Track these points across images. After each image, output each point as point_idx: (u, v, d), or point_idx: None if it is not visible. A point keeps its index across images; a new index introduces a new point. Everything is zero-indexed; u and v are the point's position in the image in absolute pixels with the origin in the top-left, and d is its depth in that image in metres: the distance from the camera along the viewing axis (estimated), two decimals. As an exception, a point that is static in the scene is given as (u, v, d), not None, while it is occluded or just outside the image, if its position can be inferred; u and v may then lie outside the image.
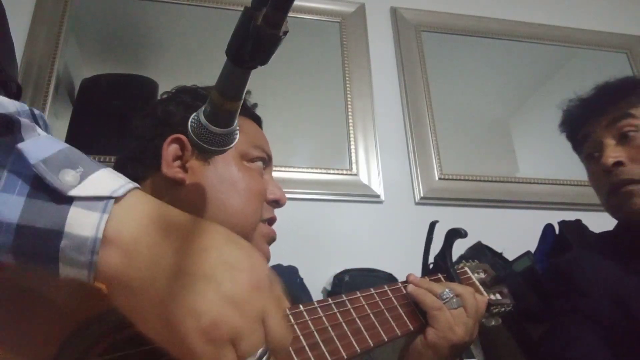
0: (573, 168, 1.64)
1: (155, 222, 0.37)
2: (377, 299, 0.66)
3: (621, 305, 0.83)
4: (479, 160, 1.60)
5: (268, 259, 0.72)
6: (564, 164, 1.65)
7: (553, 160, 1.66)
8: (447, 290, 0.69)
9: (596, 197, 1.58)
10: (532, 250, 1.25)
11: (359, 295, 0.64)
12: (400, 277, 1.25)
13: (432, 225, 0.80)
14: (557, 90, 1.78)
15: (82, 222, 0.34)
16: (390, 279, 1.23)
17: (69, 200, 0.34)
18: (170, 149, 0.69)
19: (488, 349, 1.06)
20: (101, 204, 0.35)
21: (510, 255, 1.28)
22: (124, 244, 0.35)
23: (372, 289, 0.67)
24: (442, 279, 0.77)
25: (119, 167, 0.74)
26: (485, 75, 1.75)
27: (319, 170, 1.43)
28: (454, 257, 0.88)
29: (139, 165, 0.71)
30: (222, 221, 0.64)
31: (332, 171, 1.45)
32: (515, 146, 1.67)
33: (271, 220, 0.75)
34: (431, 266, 0.80)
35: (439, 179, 1.50)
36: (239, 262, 0.37)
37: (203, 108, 0.50)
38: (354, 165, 1.46)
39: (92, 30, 1.50)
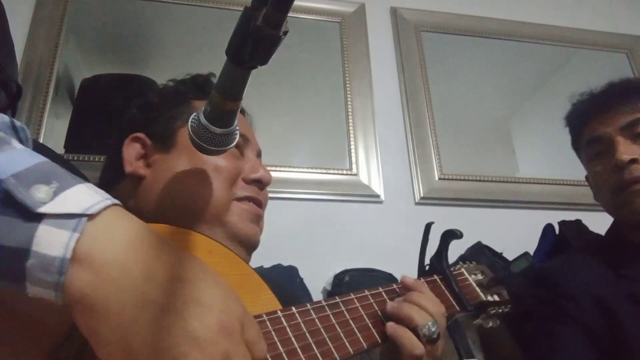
0: (573, 168, 1.64)
1: (131, 243, 0.35)
2: (372, 301, 0.64)
3: (606, 310, 0.84)
4: (479, 160, 1.60)
5: (254, 237, 0.68)
6: (564, 164, 1.65)
7: (553, 160, 1.66)
8: (429, 323, 0.61)
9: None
10: (532, 250, 1.25)
11: (352, 297, 0.63)
12: (400, 277, 1.25)
13: (428, 227, 0.80)
14: (557, 90, 1.78)
15: (50, 241, 0.32)
16: (390, 279, 1.23)
17: (39, 217, 0.32)
18: (129, 149, 0.69)
19: (488, 349, 1.06)
20: (73, 222, 0.33)
21: (510, 255, 1.28)
22: (94, 265, 0.33)
23: (366, 291, 0.66)
24: (438, 280, 0.76)
25: (100, 176, 0.75)
26: (485, 75, 1.75)
27: (319, 170, 1.43)
28: (454, 257, 0.88)
29: (110, 171, 0.72)
30: (187, 207, 0.64)
31: (332, 171, 1.45)
32: (515, 146, 1.67)
33: (250, 198, 0.70)
34: (427, 267, 0.79)
35: (439, 179, 1.50)
36: (211, 300, 0.35)
37: (203, 108, 0.50)
38: (354, 165, 1.46)
39: (92, 30, 1.50)
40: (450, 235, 0.78)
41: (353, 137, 1.50)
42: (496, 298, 0.81)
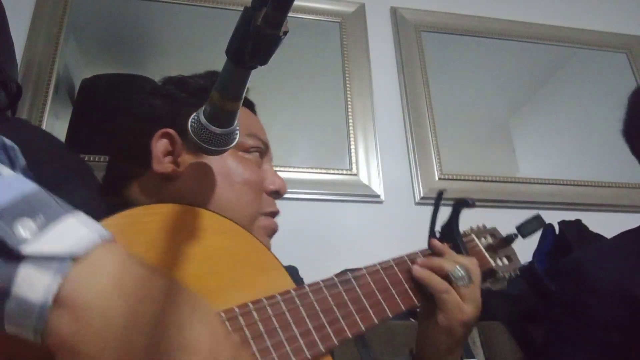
0: (573, 168, 1.65)
1: (116, 286, 0.33)
2: (383, 275, 0.65)
3: (631, 307, 0.80)
4: (479, 160, 1.60)
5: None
6: (564, 164, 1.66)
7: (553, 160, 1.66)
8: (457, 267, 0.67)
9: (596, 197, 1.59)
10: (532, 250, 1.25)
11: (364, 272, 0.64)
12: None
13: (440, 194, 0.80)
14: (557, 90, 1.78)
15: (31, 284, 0.30)
16: (390, 279, 1.23)
17: (20, 257, 0.30)
18: (159, 145, 0.66)
19: (488, 349, 1.06)
20: (56, 264, 0.31)
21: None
22: (75, 310, 0.31)
23: (377, 265, 0.66)
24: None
25: (109, 168, 0.72)
26: (485, 75, 1.75)
27: (319, 170, 1.43)
28: None
29: (128, 163, 0.68)
30: None
31: (332, 171, 1.45)
32: (515, 146, 1.67)
33: (273, 213, 0.72)
34: (438, 235, 0.80)
35: (439, 179, 1.50)
36: (197, 343, 0.34)
37: (203, 108, 0.50)
38: (354, 165, 1.46)
39: (92, 30, 1.50)
40: (462, 204, 0.78)
41: (353, 137, 1.50)
42: (505, 262, 0.81)
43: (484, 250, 0.81)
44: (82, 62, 1.46)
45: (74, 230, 0.33)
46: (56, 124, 1.35)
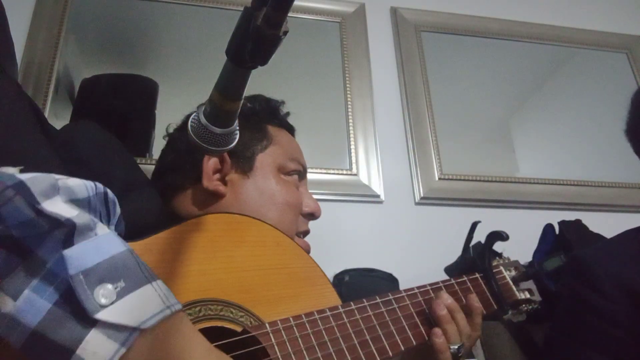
0: (573, 168, 1.65)
1: None
2: (420, 298, 0.69)
3: (634, 304, 0.79)
4: (479, 160, 1.59)
5: None
6: (564, 164, 1.66)
7: (553, 160, 1.66)
8: (456, 347, 0.67)
9: (596, 197, 1.59)
10: (532, 250, 1.25)
11: (403, 294, 0.68)
12: (400, 277, 1.25)
13: (474, 226, 0.84)
14: (557, 90, 1.78)
15: (96, 350, 0.32)
16: (390, 278, 1.23)
17: (93, 322, 0.32)
18: (210, 163, 0.71)
19: (488, 349, 1.06)
20: (124, 335, 0.33)
21: (510, 255, 1.28)
22: None
23: (415, 288, 0.70)
24: (479, 278, 0.80)
25: (158, 177, 0.77)
26: (485, 75, 1.75)
27: (319, 170, 1.43)
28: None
29: (178, 176, 0.73)
30: None
31: (332, 171, 1.45)
32: (515, 146, 1.67)
33: (305, 233, 0.78)
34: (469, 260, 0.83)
35: (439, 179, 1.50)
36: None
37: (203, 108, 0.50)
38: (354, 165, 1.46)
39: (92, 30, 1.49)
40: (495, 237, 0.81)
41: (353, 137, 1.50)
42: (527, 295, 0.85)
43: (511, 283, 0.85)
44: (82, 62, 1.46)
45: (149, 301, 0.35)
46: (56, 124, 1.34)
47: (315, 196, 1.42)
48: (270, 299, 0.56)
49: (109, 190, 0.43)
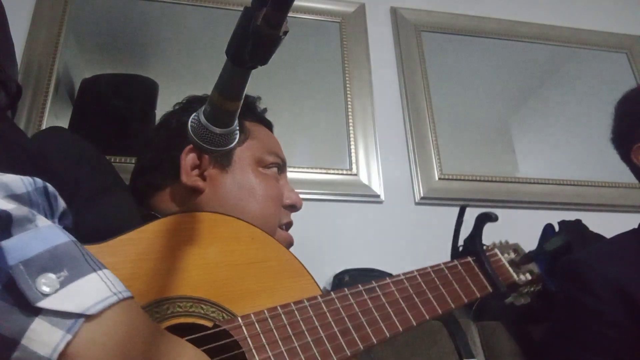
0: (573, 168, 1.65)
1: (122, 349, 0.34)
2: (407, 284, 0.68)
3: (630, 306, 0.81)
4: (479, 160, 1.59)
5: None
6: (564, 164, 1.66)
7: (553, 160, 1.66)
8: None
9: (596, 197, 1.59)
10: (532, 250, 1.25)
11: (388, 281, 0.67)
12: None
13: (462, 209, 0.83)
14: (557, 90, 1.78)
15: (41, 339, 0.31)
16: (390, 279, 1.23)
17: (36, 311, 0.32)
18: (188, 159, 0.71)
19: (488, 349, 1.06)
20: (68, 322, 0.32)
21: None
22: None
23: (401, 274, 0.69)
24: (472, 261, 0.78)
25: (137, 177, 0.77)
26: (485, 75, 1.75)
27: (319, 170, 1.43)
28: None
29: (157, 174, 0.73)
30: None
31: (332, 171, 1.45)
32: (515, 146, 1.67)
33: (288, 225, 0.78)
34: (460, 249, 0.81)
35: (439, 179, 1.50)
36: None
37: (203, 108, 0.50)
38: (354, 165, 1.46)
39: (92, 30, 1.49)
40: (485, 218, 0.80)
41: (353, 137, 1.50)
42: (528, 277, 0.83)
43: (507, 264, 0.83)
44: (82, 62, 1.46)
45: (94, 289, 0.34)
46: (56, 124, 1.35)
47: (315, 196, 1.44)
48: (244, 294, 0.54)
49: (49, 185, 0.43)
